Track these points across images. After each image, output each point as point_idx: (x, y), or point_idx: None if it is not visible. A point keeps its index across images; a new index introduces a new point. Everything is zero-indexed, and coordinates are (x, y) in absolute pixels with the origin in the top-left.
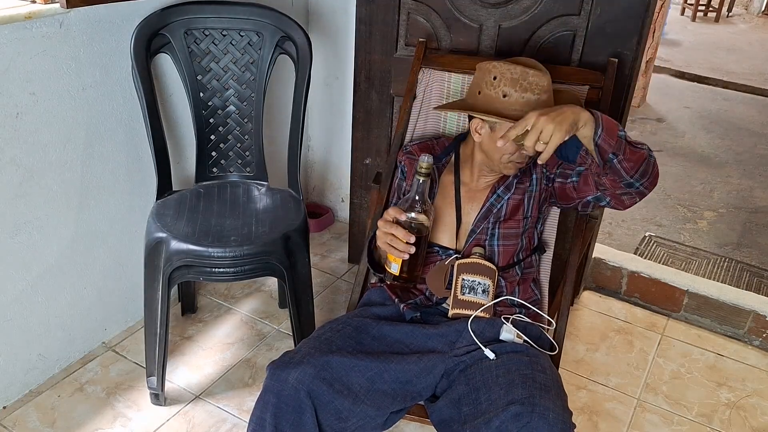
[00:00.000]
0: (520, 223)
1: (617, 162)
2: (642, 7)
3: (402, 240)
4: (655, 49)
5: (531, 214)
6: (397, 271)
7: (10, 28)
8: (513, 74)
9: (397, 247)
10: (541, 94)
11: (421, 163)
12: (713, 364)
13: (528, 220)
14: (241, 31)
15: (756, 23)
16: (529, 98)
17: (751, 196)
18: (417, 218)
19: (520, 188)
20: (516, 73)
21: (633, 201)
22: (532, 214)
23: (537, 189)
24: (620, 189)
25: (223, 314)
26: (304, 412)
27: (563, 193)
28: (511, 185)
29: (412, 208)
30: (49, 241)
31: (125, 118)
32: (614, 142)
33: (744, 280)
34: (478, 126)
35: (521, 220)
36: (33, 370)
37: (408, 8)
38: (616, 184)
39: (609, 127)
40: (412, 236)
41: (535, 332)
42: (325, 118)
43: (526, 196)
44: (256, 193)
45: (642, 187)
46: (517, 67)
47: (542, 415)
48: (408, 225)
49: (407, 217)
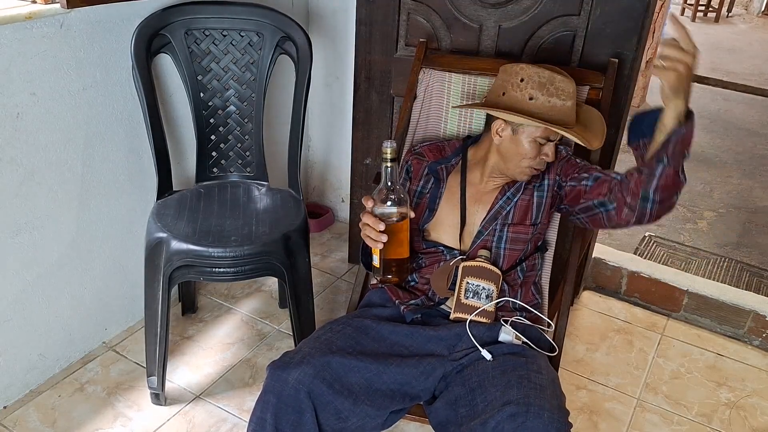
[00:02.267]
0: (529, 230)
1: (662, 168)
2: (642, 7)
3: (374, 228)
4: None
5: (541, 221)
6: (377, 263)
7: (11, 29)
8: (541, 78)
9: (370, 236)
10: (566, 99)
11: (384, 148)
12: (713, 364)
13: (537, 227)
14: (241, 32)
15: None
16: (555, 103)
17: (751, 196)
18: (388, 207)
19: (529, 190)
20: (544, 77)
21: (629, 219)
22: (542, 221)
23: (548, 195)
24: (633, 199)
25: (223, 314)
26: (304, 412)
27: (573, 195)
28: (520, 187)
29: (386, 196)
30: (49, 241)
31: (125, 118)
32: (680, 149)
33: (744, 280)
34: (500, 128)
35: (530, 227)
36: (33, 370)
37: (408, 8)
38: (636, 190)
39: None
40: (381, 224)
41: (534, 334)
42: (325, 118)
43: (535, 202)
44: (256, 193)
45: (650, 209)
46: (545, 71)
47: (537, 415)
48: (381, 214)
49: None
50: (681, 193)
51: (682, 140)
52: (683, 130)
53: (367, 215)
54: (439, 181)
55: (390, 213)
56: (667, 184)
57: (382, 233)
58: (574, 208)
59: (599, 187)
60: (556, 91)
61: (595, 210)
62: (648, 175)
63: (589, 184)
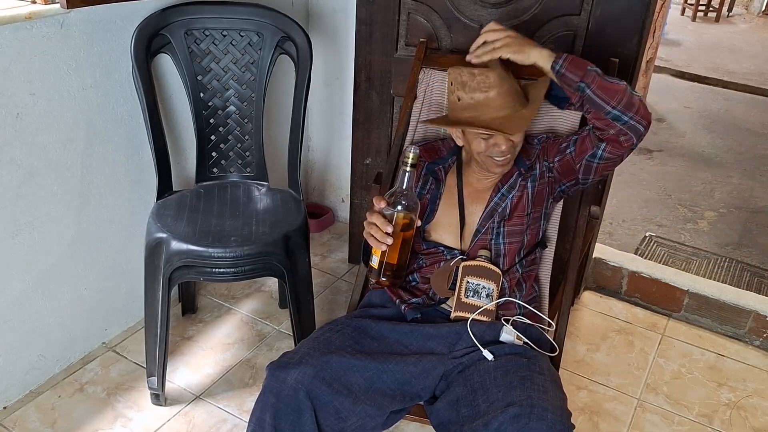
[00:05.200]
0: (523, 220)
1: (590, 92)
2: (642, 7)
3: (381, 229)
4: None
5: (533, 209)
6: (376, 264)
7: (11, 29)
8: (462, 77)
9: (375, 235)
10: (488, 90)
11: (407, 153)
12: (714, 364)
13: (530, 217)
14: (241, 32)
15: (756, 23)
16: (478, 97)
17: (751, 196)
18: (400, 210)
19: (522, 184)
20: (464, 75)
21: (630, 141)
22: (535, 209)
23: (538, 183)
24: (612, 127)
25: (223, 314)
26: (304, 412)
27: (566, 169)
28: (515, 184)
29: (398, 199)
30: (49, 241)
31: (125, 118)
32: (581, 72)
33: (744, 280)
34: (454, 133)
35: (524, 217)
36: (33, 371)
37: (408, 8)
38: (604, 120)
39: (577, 61)
40: (390, 226)
41: (535, 334)
42: (325, 118)
43: (529, 191)
44: (256, 193)
45: (633, 121)
46: (464, 70)
47: (540, 416)
48: (391, 216)
49: (392, 208)
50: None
51: (573, 64)
52: (563, 61)
53: (377, 215)
54: (439, 182)
55: (399, 217)
56: (608, 91)
57: (387, 236)
58: (579, 177)
59: (582, 145)
60: (478, 85)
61: (594, 162)
62: (591, 104)
63: (573, 149)
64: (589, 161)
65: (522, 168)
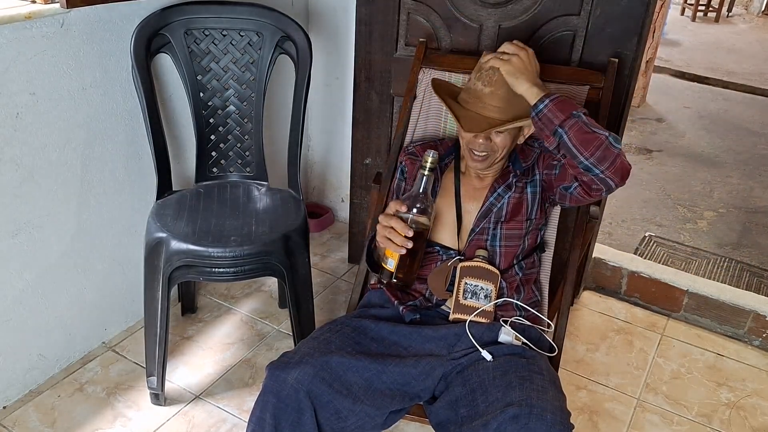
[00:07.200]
0: (523, 225)
1: (567, 138)
2: (642, 7)
3: (400, 233)
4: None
5: (535, 216)
6: (392, 267)
7: (10, 28)
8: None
9: (394, 240)
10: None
11: (426, 157)
12: (713, 364)
13: (531, 222)
14: (241, 31)
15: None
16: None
17: (751, 196)
18: (417, 215)
19: (520, 187)
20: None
21: (599, 191)
22: (537, 216)
23: (540, 188)
24: (584, 175)
25: (223, 314)
26: (304, 412)
27: (548, 185)
28: (511, 184)
29: (414, 203)
30: (49, 241)
31: (125, 118)
32: (564, 116)
33: (744, 280)
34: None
35: (524, 222)
36: (33, 370)
37: (408, 8)
38: (576, 168)
39: (565, 104)
40: (410, 230)
41: (534, 334)
42: (325, 118)
43: (529, 197)
44: (256, 193)
45: (602, 175)
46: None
47: (540, 416)
48: (408, 220)
49: (408, 211)
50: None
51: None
52: (549, 101)
53: (395, 219)
54: (436, 180)
55: (414, 220)
56: (584, 141)
57: (407, 239)
58: (556, 196)
59: (563, 173)
60: (484, 76)
61: (567, 193)
62: (565, 150)
63: (556, 172)
64: (563, 191)
65: (517, 169)
